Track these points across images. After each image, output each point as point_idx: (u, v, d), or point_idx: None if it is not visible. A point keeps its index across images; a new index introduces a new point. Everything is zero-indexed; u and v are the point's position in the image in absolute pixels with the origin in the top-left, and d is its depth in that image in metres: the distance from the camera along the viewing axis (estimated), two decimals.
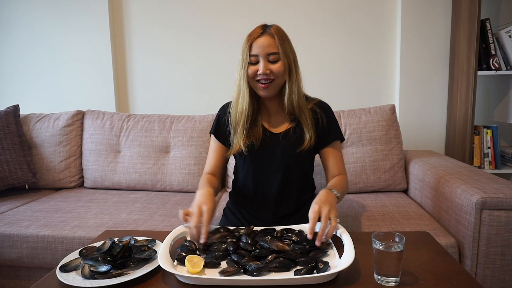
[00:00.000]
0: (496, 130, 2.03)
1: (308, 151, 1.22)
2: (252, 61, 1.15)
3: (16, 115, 2.06)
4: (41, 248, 1.48)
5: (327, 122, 1.25)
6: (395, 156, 1.87)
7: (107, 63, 2.35)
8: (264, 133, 1.24)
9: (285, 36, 1.18)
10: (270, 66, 1.15)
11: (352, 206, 1.67)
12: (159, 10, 2.32)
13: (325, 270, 0.81)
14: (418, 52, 2.18)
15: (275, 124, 1.26)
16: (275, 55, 1.14)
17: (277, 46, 1.14)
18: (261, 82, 1.15)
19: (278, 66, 1.15)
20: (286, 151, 1.22)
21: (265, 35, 1.15)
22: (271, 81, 1.15)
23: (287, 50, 1.16)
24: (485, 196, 1.25)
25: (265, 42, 1.14)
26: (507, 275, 1.27)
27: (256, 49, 1.14)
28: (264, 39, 1.14)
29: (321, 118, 1.24)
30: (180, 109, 2.35)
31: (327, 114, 1.27)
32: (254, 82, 1.17)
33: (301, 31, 2.24)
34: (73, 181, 2.09)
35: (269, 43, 1.14)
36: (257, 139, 1.21)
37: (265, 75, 1.14)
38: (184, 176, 1.96)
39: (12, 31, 2.41)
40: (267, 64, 1.14)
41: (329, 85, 2.28)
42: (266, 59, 1.14)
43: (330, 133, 1.26)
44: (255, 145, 1.21)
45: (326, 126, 1.25)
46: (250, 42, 1.15)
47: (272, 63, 1.15)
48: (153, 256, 0.92)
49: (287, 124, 1.25)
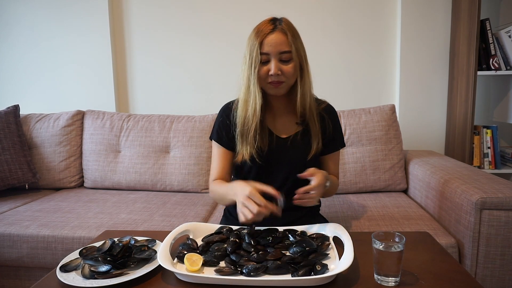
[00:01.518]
0: (496, 130, 2.03)
1: (314, 156, 1.18)
2: (262, 59, 1.08)
3: (16, 115, 2.06)
4: (41, 248, 1.48)
5: (333, 130, 1.21)
6: (395, 156, 1.87)
7: (107, 63, 2.35)
8: (270, 137, 1.17)
9: (295, 31, 1.12)
10: (281, 66, 1.08)
11: (352, 206, 1.67)
12: (159, 11, 2.32)
13: (323, 272, 0.81)
14: (418, 52, 2.18)
15: (282, 127, 1.20)
16: (288, 54, 1.08)
17: (289, 44, 1.07)
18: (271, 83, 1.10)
19: (290, 67, 1.09)
20: (294, 159, 1.16)
21: (277, 31, 1.08)
22: (281, 82, 1.10)
23: (299, 48, 1.11)
24: (485, 196, 1.25)
25: (278, 39, 1.07)
26: (507, 275, 1.27)
27: (267, 47, 1.07)
28: (276, 36, 1.07)
29: (328, 125, 1.20)
30: (180, 109, 2.35)
31: (334, 121, 1.23)
32: (263, 82, 1.11)
33: (301, 31, 2.20)
34: (73, 181, 2.09)
35: (282, 40, 1.07)
36: (264, 145, 1.15)
37: (276, 76, 1.07)
38: (184, 176, 1.96)
39: (13, 31, 2.41)
40: (278, 64, 1.07)
41: (329, 85, 2.28)
42: (278, 59, 1.08)
43: (335, 142, 1.23)
44: (263, 150, 1.14)
45: (332, 134, 1.21)
46: (260, 39, 1.07)
47: (284, 62, 1.09)
48: (153, 256, 0.92)
49: (294, 128, 1.19)
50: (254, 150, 1.13)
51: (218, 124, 1.22)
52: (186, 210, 1.70)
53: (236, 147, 1.17)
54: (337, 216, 1.55)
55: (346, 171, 1.86)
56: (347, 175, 1.86)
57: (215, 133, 1.22)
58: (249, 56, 1.09)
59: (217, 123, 1.23)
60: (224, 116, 1.21)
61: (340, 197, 1.81)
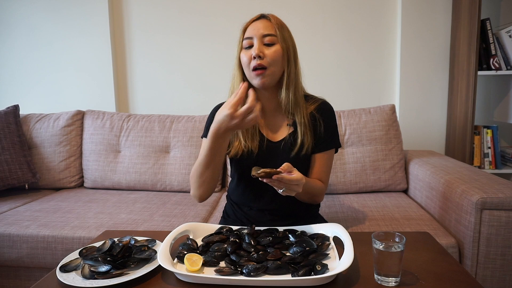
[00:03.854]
0: (496, 130, 2.03)
1: (305, 156, 1.14)
2: (246, 44, 1.07)
3: (16, 115, 2.06)
4: (41, 248, 1.48)
5: (325, 130, 1.16)
6: (395, 156, 1.87)
7: (107, 63, 2.35)
8: (261, 140, 1.15)
9: (283, 24, 1.10)
10: (264, 49, 1.05)
11: (352, 206, 1.67)
12: (159, 12, 2.32)
13: (323, 272, 0.81)
14: (418, 52, 2.18)
15: (273, 130, 1.17)
16: (272, 37, 1.06)
17: (274, 29, 1.06)
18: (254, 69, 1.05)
19: (274, 50, 1.05)
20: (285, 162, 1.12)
21: (262, 19, 1.09)
22: (264, 69, 1.05)
23: (285, 36, 1.08)
24: (485, 196, 1.25)
25: (262, 24, 1.07)
26: (507, 275, 1.27)
27: (250, 31, 1.07)
28: (260, 22, 1.08)
29: (320, 125, 1.15)
30: (180, 109, 2.35)
31: (327, 121, 1.16)
32: (248, 70, 1.08)
33: (302, 31, 2.24)
34: (73, 181, 2.09)
35: (266, 25, 1.07)
36: (254, 146, 1.13)
37: (258, 58, 1.03)
38: (184, 176, 1.96)
39: (13, 31, 2.41)
40: (261, 47, 1.05)
41: (329, 85, 2.28)
42: (261, 41, 1.06)
43: (326, 141, 1.17)
44: (254, 152, 1.13)
45: (323, 134, 1.16)
46: (245, 26, 1.10)
47: (268, 46, 1.06)
48: (153, 256, 0.92)
49: (285, 129, 1.16)
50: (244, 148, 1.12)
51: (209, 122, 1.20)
52: (186, 210, 1.69)
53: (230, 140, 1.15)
54: (337, 216, 1.55)
55: (346, 171, 1.86)
56: (347, 175, 1.86)
57: (205, 131, 1.21)
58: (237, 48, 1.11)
59: (208, 122, 1.21)
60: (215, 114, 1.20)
61: (340, 197, 1.81)
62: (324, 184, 1.18)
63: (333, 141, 1.19)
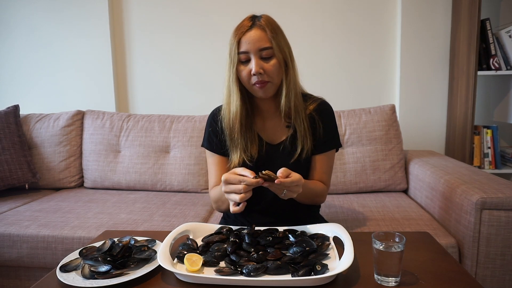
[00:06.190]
0: (496, 130, 2.03)
1: (306, 159, 1.14)
2: (241, 59, 1.03)
3: (16, 115, 2.06)
4: (41, 248, 1.48)
5: (324, 130, 1.14)
6: (395, 156, 1.87)
7: (107, 63, 2.35)
8: (260, 144, 1.13)
9: (277, 27, 1.06)
10: (263, 64, 1.03)
11: (352, 206, 1.67)
12: (159, 12, 2.32)
13: (323, 272, 0.81)
14: (418, 52, 2.18)
15: (272, 133, 1.16)
16: (268, 50, 1.02)
17: (269, 40, 1.02)
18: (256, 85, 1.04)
19: (272, 64, 1.03)
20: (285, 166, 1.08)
21: (255, 28, 1.03)
22: (266, 82, 1.04)
23: (281, 43, 1.04)
24: (485, 196, 1.25)
25: (256, 36, 1.02)
26: (507, 275, 1.27)
27: (245, 45, 1.02)
28: (254, 33, 1.02)
29: (319, 126, 1.14)
30: (180, 109, 2.35)
31: (326, 121, 1.15)
32: (249, 84, 1.06)
33: (302, 31, 2.24)
34: (73, 181, 2.09)
35: (260, 37, 1.02)
36: (254, 151, 1.11)
37: (259, 75, 1.02)
38: (184, 176, 1.96)
39: (13, 31, 2.41)
40: (259, 62, 1.02)
41: (329, 85, 2.28)
42: (258, 56, 1.02)
43: (326, 143, 1.16)
44: (253, 157, 1.11)
45: (322, 135, 1.14)
46: (238, 38, 1.03)
47: (266, 60, 1.03)
48: (153, 256, 0.92)
49: (284, 132, 1.14)
50: (244, 154, 1.10)
51: (208, 131, 1.19)
52: (186, 210, 1.69)
53: (229, 152, 1.14)
54: (337, 216, 1.55)
55: (346, 171, 1.86)
56: (347, 175, 1.86)
57: (206, 141, 1.20)
58: (228, 56, 1.06)
59: (207, 131, 1.20)
60: (213, 123, 1.18)
61: (340, 197, 1.81)
62: (326, 185, 1.18)
63: (332, 142, 1.18)
